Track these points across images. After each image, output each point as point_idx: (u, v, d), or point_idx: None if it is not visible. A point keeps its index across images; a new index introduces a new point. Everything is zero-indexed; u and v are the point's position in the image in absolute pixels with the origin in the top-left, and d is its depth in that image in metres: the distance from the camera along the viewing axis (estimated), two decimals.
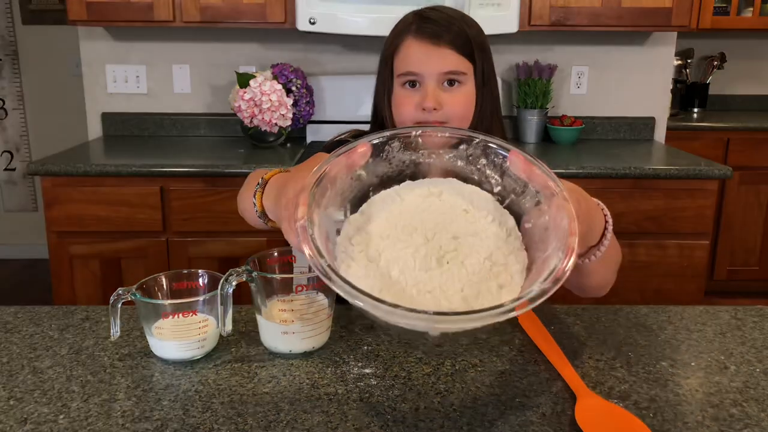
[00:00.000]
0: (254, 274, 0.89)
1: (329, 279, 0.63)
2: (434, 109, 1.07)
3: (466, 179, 0.77)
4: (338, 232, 0.74)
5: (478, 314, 0.62)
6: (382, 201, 0.76)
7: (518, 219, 0.75)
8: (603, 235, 0.87)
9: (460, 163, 0.77)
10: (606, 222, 0.87)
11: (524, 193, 0.74)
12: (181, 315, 0.87)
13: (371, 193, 0.77)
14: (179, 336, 0.87)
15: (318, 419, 0.76)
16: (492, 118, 1.14)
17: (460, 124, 1.10)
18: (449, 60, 1.07)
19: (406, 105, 1.09)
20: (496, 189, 0.76)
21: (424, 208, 0.75)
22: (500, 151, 0.74)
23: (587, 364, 0.90)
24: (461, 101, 1.09)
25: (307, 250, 0.65)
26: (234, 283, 0.87)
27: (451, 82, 1.09)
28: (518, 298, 0.63)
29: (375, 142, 0.74)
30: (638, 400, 0.81)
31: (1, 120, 3.71)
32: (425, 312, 0.61)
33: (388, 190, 0.77)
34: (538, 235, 0.72)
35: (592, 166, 2.18)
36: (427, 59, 1.07)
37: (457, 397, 0.81)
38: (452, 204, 0.75)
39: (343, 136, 1.24)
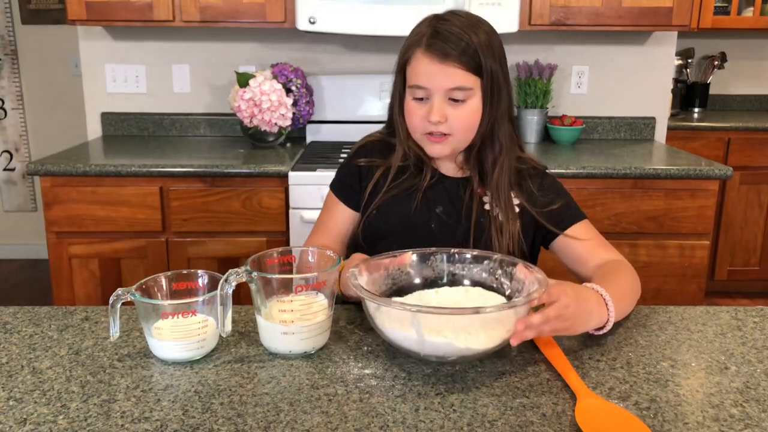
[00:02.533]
0: (254, 274, 0.89)
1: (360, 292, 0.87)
2: (439, 122, 1.14)
3: (487, 287, 1.01)
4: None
5: (460, 311, 0.85)
6: (421, 292, 1.00)
7: None
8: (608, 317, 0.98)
9: (484, 275, 1.02)
10: (608, 310, 0.97)
11: (523, 290, 0.95)
12: (180, 315, 0.87)
13: (413, 290, 1.01)
14: (179, 336, 0.87)
15: (318, 420, 0.75)
16: (500, 125, 1.17)
17: (464, 135, 1.17)
18: (455, 77, 1.12)
19: (414, 116, 1.18)
20: (507, 292, 0.99)
21: (453, 299, 0.99)
22: (510, 263, 0.99)
23: (588, 365, 0.90)
24: (466, 115, 1.15)
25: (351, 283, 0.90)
26: (234, 284, 0.87)
27: (456, 97, 1.14)
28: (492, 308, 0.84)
29: (421, 254, 1.03)
30: (639, 400, 0.81)
31: (0, 120, 3.71)
32: (411, 307, 0.82)
33: (427, 290, 1.01)
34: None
35: (592, 166, 2.18)
36: (434, 75, 1.12)
37: (457, 397, 0.80)
38: (473, 299, 0.98)
39: (359, 145, 1.30)
